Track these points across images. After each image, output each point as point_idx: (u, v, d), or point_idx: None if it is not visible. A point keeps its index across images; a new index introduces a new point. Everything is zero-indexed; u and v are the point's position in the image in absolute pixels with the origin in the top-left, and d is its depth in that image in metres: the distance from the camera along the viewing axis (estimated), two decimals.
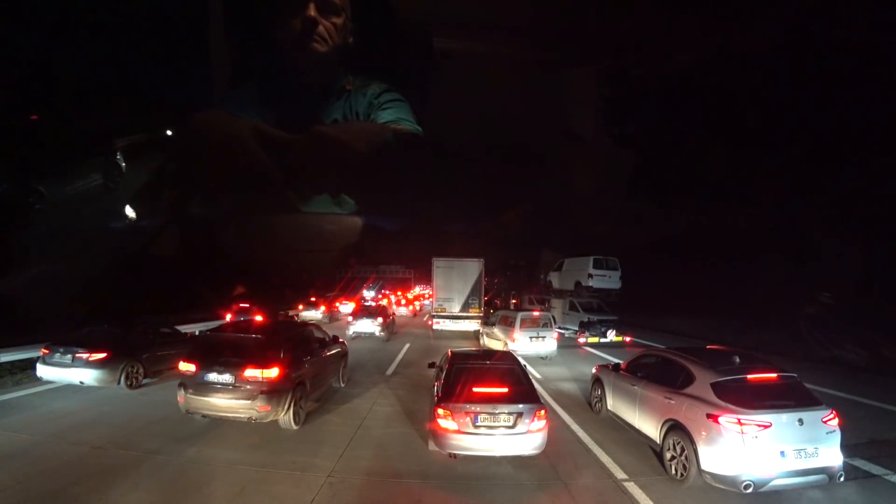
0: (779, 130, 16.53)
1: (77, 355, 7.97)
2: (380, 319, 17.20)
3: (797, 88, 15.52)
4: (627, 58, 19.67)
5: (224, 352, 6.52)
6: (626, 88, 20.27)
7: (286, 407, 6.41)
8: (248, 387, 6.18)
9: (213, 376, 6.26)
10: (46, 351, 8.18)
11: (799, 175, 16.20)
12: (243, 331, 7.32)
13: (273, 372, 6.30)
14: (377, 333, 16.93)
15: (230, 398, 6.16)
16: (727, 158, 18.41)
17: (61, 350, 8.06)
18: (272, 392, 6.20)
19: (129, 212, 17.00)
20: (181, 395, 6.31)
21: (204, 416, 6.41)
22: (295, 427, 6.60)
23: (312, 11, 16.83)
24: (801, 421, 4.69)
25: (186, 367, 6.45)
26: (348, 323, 17.70)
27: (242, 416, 6.19)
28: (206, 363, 6.37)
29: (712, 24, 16.76)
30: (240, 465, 5.27)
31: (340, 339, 9.63)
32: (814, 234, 16.04)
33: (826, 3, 14.40)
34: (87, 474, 4.87)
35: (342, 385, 9.29)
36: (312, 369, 7.46)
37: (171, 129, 18.35)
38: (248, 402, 6.11)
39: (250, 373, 6.22)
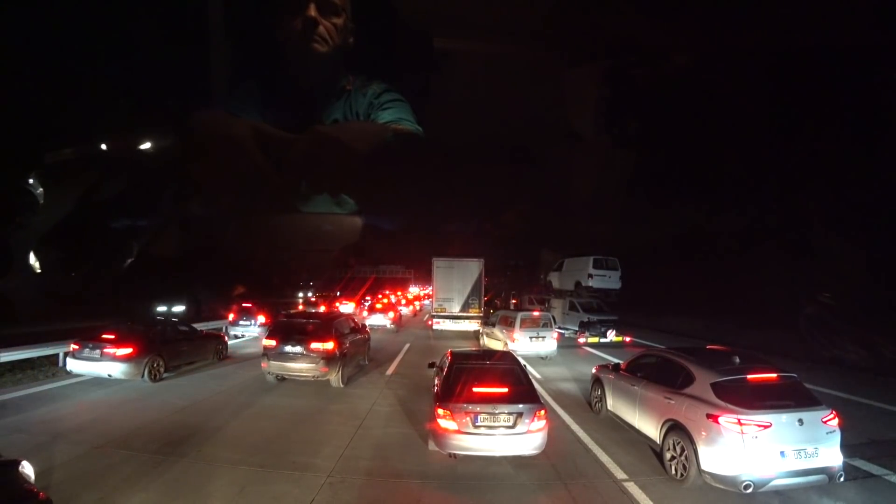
0: (778, 129, 16.53)
1: (105, 351, 8.60)
2: (391, 315, 20.93)
3: (796, 87, 15.52)
4: (627, 58, 19.67)
5: (295, 332, 9.10)
6: (626, 88, 20.26)
7: (337, 371, 8.96)
8: (313, 355, 8.73)
9: (288, 348, 8.79)
10: (77, 346, 8.85)
11: (799, 174, 16.20)
12: (306, 318, 10.25)
13: (330, 345, 8.87)
14: (388, 326, 20.37)
15: (301, 363, 8.73)
16: (727, 158, 18.41)
17: (90, 346, 8.72)
18: (329, 359, 8.79)
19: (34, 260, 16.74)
20: (265, 362, 8.90)
21: (279, 376, 9.09)
22: (342, 385, 9.08)
23: (313, 12, 16.84)
24: (800, 421, 4.69)
25: (269, 342, 8.98)
26: (364, 318, 19.65)
27: (309, 375, 8.79)
28: (283, 340, 8.91)
29: (711, 24, 16.76)
30: (240, 465, 5.27)
31: (367, 328, 12.50)
32: (814, 233, 16.04)
33: (826, 2, 14.41)
34: (92, 470, 4.88)
35: (367, 363, 11.45)
36: (351, 347, 9.93)
37: (171, 129, 18.31)
38: (314, 365, 8.70)
39: (315, 345, 8.77)
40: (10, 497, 3.15)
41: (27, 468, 3.50)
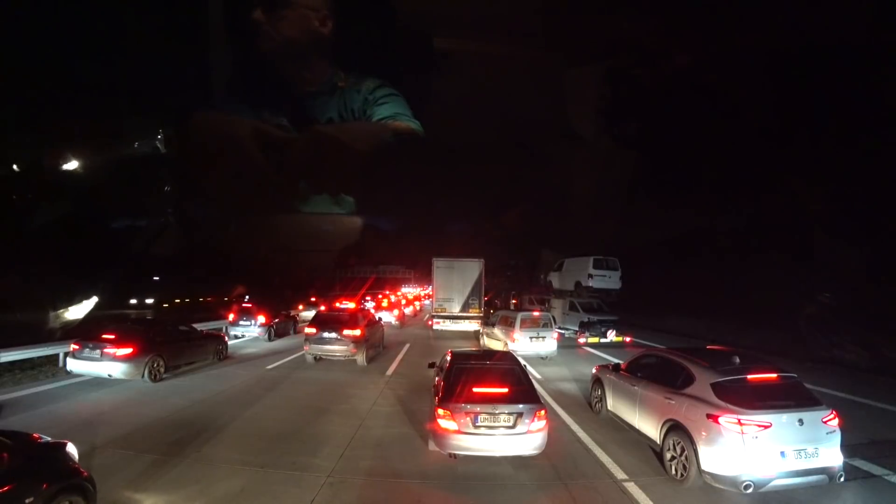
0: (779, 129, 16.52)
1: (105, 351, 8.61)
2: (396, 312, 23.77)
3: (797, 87, 15.52)
4: (627, 58, 19.64)
5: (330, 322, 11.53)
6: (626, 88, 20.24)
7: (363, 352, 11.31)
8: (345, 339, 11.10)
9: (325, 334, 11.19)
10: (77, 346, 8.88)
11: (799, 174, 16.20)
12: (338, 312, 12.85)
13: (357, 332, 11.33)
14: (393, 322, 22.52)
15: (335, 346, 11.14)
16: (727, 158, 18.41)
17: (90, 346, 8.74)
18: (357, 343, 11.20)
19: None
20: (307, 345, 11.35)
21: (317, 356, 11.42)
22: (366, 364, 11.37)
23: (257, 14, 16.76)
24: (801, 421, 4.69)
25: (310, 330, 11.44)
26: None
27: (341, 356, 11.21)
28: (322, 328, 11.32)
29: (712, 24, 16.75)
30: (241, 465, 5.28)
31: (381, 321, 15.73)
32: (814, 233, 16.04)
33: (826, 2, 14.41)
34: (92, 470, 4.85)
35: (382, 349, 13.86)
36: (371, 335, 12.39)
37: (170, 130, 18.27)
38: (345, 347, 11.09)
39: (346, 332, 11.18)
40: (60, 472, 3.58)
41: (72, 448, 3.95)
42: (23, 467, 3.33)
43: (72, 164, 15.89)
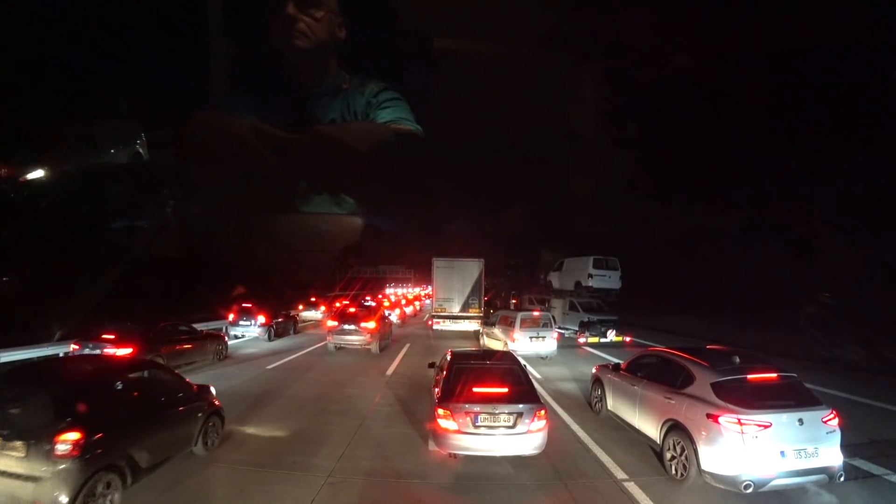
0: (778, 128, 16.53)
1: (105, 351, 8.58)
2: (397, 311, 25.41)
3: (796, 86, 15.53)
4: (627, 58, 19.66)
5: (350, 316, 13.74)
6: (626, 88, 20.26)
7: (377, 342, 13.32)
8: (362, 331, 13.09)
9: (346, 327, 13.23)
10: (77, 346, 8.98)
11: (799, 173, 16.20)
12: (356, 309, 15.34)
13: (372, 325, 13.40)
14: (395, 321, 22.72)
15: (354, 336, 13.07)
16: (727, 157, 18.42)
17: (90, 346, 8.78)
18: (372, 334, 13.20)
19: None
20: (329, 336, 13.38)
21: (338, 346, 13.27)
22: (379, 352, 13.23)
23: (291, 10, 16.83)
24: (801, 421, 4.68)
25: (332, 323, 13.70)
26: None
27: (358, 345, 13.10)
28: (343, 321, 13.49)
29: (711, 24, 16.77)
30: (240, 465, 5.28)
31: (391, 319, 18.02)
32: (814, 233, 16.03)
33: (825, 3, 14.42)
34: None
35: (389, 342, 15.37)
36: (384, 328, 14.63)
37: (170, 129, 18.25)
38: (362, 338, 13.04)
39: (364, 325, 13.25)
40: (210, 401, 5.79)
41: (213, 389, 6.06)
42: (198, 396, 5.59)
43: (69, 165, 15.85)
